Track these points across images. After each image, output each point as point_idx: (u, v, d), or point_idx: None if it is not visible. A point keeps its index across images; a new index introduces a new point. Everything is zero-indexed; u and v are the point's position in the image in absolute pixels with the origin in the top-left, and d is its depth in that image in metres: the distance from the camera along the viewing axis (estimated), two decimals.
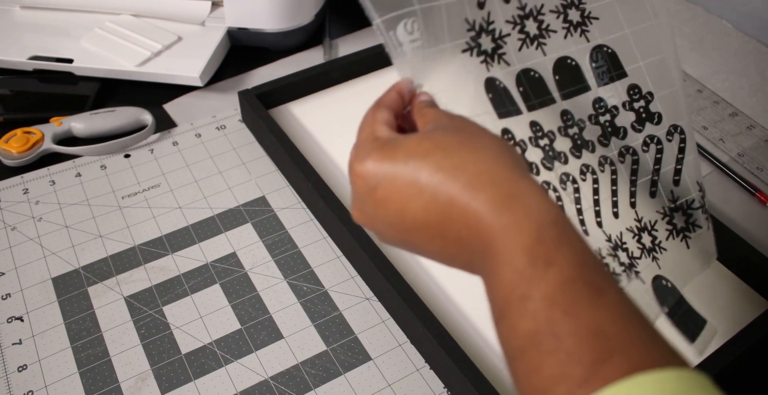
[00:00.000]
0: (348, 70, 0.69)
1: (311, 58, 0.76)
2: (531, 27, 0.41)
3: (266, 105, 0.64)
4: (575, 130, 0.41)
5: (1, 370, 0.47)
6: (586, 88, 0.42)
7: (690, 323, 0.43)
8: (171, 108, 0.68)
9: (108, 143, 0.62)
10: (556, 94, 0.41)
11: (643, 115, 0.42)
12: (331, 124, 0.65)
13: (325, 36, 0.78)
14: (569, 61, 0.42)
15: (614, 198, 0.43)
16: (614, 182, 0.43)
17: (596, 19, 0.42)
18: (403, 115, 0.34)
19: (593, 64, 0.42)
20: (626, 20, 0.42)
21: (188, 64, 0.68)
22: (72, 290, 0.51)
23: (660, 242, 0.44)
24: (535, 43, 0.41)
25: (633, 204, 0.43)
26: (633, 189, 0.43)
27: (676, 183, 0.44)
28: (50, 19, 0.74)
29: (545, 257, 0.24)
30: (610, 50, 0.42)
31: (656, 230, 0.44)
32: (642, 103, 0.42)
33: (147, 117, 0.64)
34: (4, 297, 0.51)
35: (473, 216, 0.26)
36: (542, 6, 0.41)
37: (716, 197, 0.61)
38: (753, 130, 0.68)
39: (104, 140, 0.63)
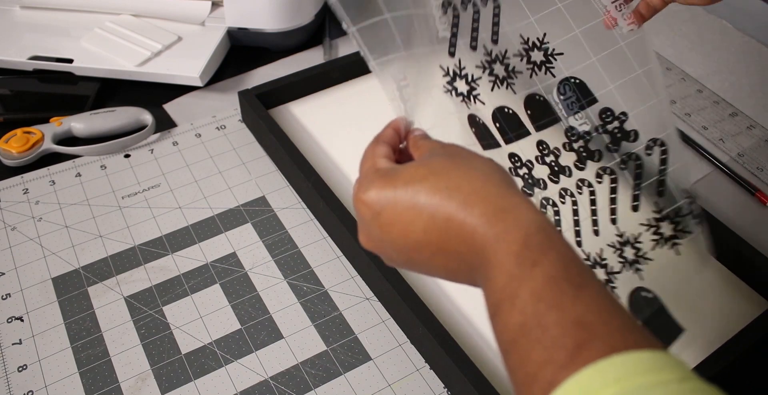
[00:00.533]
0: (348, 70, 0.69)
1: (311, 58, 0.76)
2: (499, 70, 0.45)
3: (266, 105, 0.64)
4: (551, 157, 0.45)
5: (1, 370, 0.47)
6: (556, 120, 0.46)
7: (664, 332, 0.43)
8: (171, 108, 0.68)
9: (108, 143, 0.62)
10: (530, 127, 0.45)
11: (618, 136, 0.44)
12: (331, 124, 0.65)
13: (325, 36, 0.78)
14: (537, 97, 0.46)
15: (594, 217, 0.45)
16: (593, 202, 0.45)
17: (561, 54, 0.45)
18: (401, 150, 0.37)
19: (561, 97, 0.46)
20: (592, 48, 0.44)
21: (188, 64, 0.68)
22: (72, 290, 0.52)
23: (645, 253, 0.45)
24: (505, 83, 0.45)
25: (614, 221, 0.45)
26: (613, 206, 0.45)
27: (661, 193, 0.45)
28: (50, 19, 0.74)
29: (532, 259, 0.26)
30: (577, 81, 0.46)
31: (640, 242, 0.45)
32: (616, 123, 0.44)
33: (147, 117, 0.64)
34: (4, 297, 0.51)
35: (469, 230, 0.28)
36: (506, 51, 0.45)
37: (716, 197, 0.61)
38: (753, 130, 0.68)
39: (104, 140, 0.63)
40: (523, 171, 0.43)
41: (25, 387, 0.46)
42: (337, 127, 0.65)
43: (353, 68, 0.69)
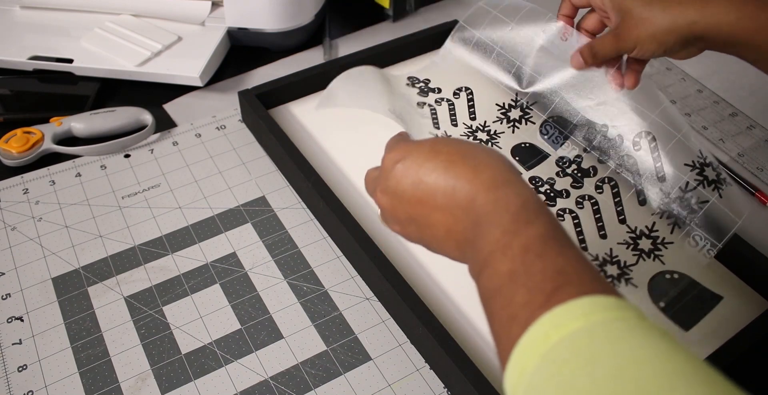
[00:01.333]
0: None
1: (311, 58, 0.76)
2: (482, 136, 0.52)
3: (266, 105, 0.64)
4: (546, 186, 0.49)
5: (1, 370, 0.47)
6: (545, 156, 0.51)
7: (699, 303, 0.44)
8: (171, 108, 0.68)
9: (108, 143, 0.62)
10: (520, 168, 0.51)
11: (606, 146, 0.48)
12: (331, 124, 0.65)
13: (325, 36, 0.78)
14: (523, 145, 0.52)
15: (599, 224, 0.48)
16: (597, 211, 0.48)
17: (536, 103, 0.53)
18: None
19: (545, 137, 0.51)
20: (560, 86, 0.50)
21: (188, 64, 0.68)
22: (72, 290, 0.52)
23: (663, 239, 0.47)
24: (489, 144, 0.52)
25: (623, 221, 0.48)
26: (619, 208, 0.49)
27: (662, 178, 0.47)
28: (50, 19, 0.74)
29: (526, 219, 0.30)
30: (555, 118, 0.51)
31: (656, 230, 0.46)
32: (600, 137, 0.49)
33: (147, 117, 0.64)
34: (4, 297, 0.51)
35: (474, 191, 0.32)
36: (485, 121, 0.53)
37: None
38: (753, 130, 0.68)
39: (104, 140, 0.63)
40: None
41: (25, 387, 0.46)
42: (337, 127, 0.65)
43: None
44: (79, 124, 0.63)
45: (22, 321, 0.50)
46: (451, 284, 0.51)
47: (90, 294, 0.51)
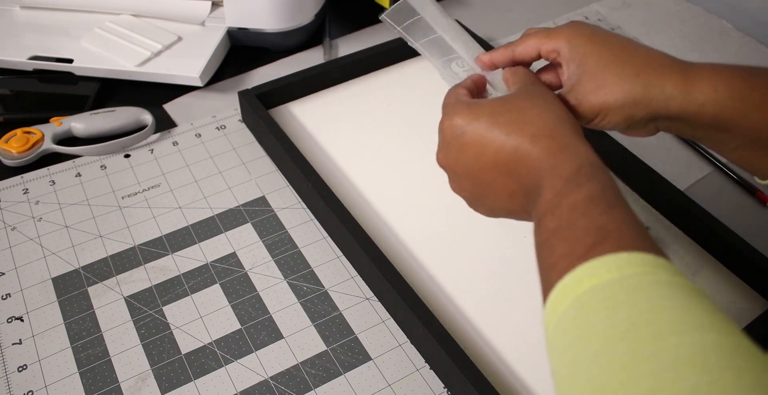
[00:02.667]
0: (348, 70, 0.69)
1: (311, 58, 0.76)
2: None
3: (266, 105, 0.64)
4: None
5: (1, 370, 0.47)
6: None
7: None
8: (171, 108, 0.68)
9: (108, 143, 0.62)
10: None
11: None
12: (331, 124, 0.65)
13: (325, 36, 0.78)
14: None
15: None
16: None
17: None
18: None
19: None
20: None
21: (188, 64, 0.68)
22: (72, 290, 0.52)
23: None
24: None
25: None
26: None
27: None
28: (50, 19, 0.74)
29: (577, 182, 0.31)
30: None
31: None
32: None
33: (147, 117, 0.64)
34: (4, 297, 0.51)
35: (533, 158, 0.34)
36: None
37: (716, 197, 0.61)
38: None
39: (104, 140, 0.63)
40: None
41: (25, 387, 0.46)
42: (338, 127, 0.65)
43: (353, 68, 0.69)
44: (79, 124, 0.63)
45: (22, 321, 0.50)
46: (451, 284, 0.51)
47: (90, 294, 0.51)
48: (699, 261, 0.54)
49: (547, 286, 0.29)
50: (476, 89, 0.42)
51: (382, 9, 0.81)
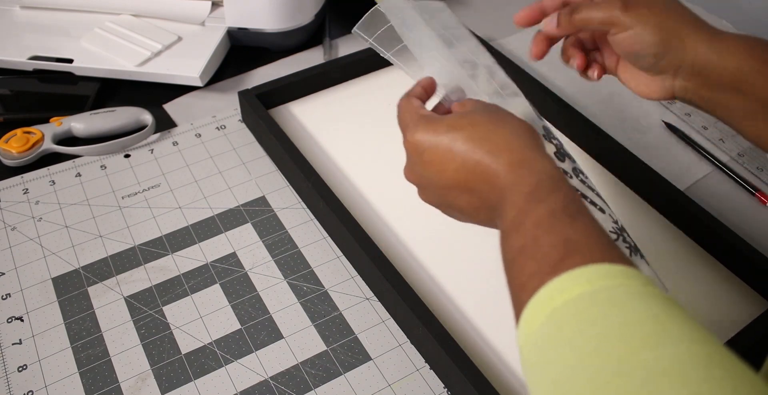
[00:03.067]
0: (348, 70, 0.69)
1: (311, 58, 0.76)
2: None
3: (266, 105, 0.64)
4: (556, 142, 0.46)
5: (1, 370, 0.47)
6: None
7: None
8: (171, 108, 0.68)
9: (108, 143, 0.62)
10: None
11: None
12: (331, 124, 0.65)
13: (325, 36, 0.78)
14: None
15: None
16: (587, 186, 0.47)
17: None
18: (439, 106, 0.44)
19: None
20: None
21: (188, 64, 0.68)
22: (72, 290, 0.52)
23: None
24: None
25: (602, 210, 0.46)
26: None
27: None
28: (50, 19, 0.74)
29: (538, 198, 0.32)
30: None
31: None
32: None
33: (147, 117, 0.64)
34: (4, 297, 0.51)
35: (492, 174, 0.34)
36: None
37: (716, 197, 0.61)
38: None
39: (104, 140, 0.63)
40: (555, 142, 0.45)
41: (25, 387, 0.46)
42: (338, 127, 0.65)
43: (353, 68, 0.69)
44: (79, 124, 0.63)
45: (22, 321, 0.50)
46: (451, 284, 0.51)
47: (90, 294, 0.51)
48: (699, 261, 0.54)
49: (518, 306, 0.29)
50: (426, 94, 0.42)
51: None
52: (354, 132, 0.64)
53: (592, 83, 0.52)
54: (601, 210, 0.43)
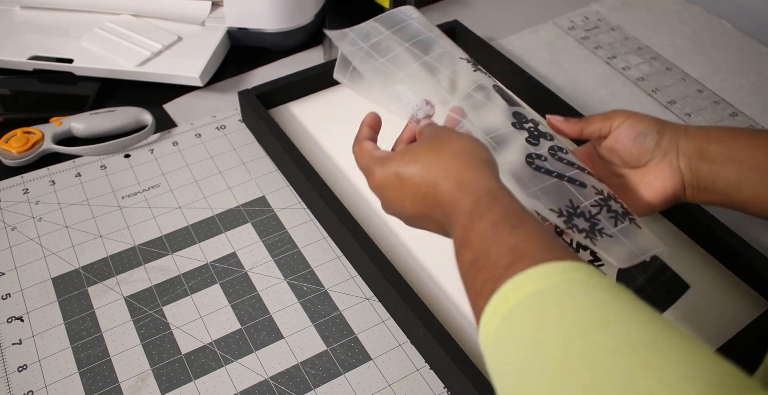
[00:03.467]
0: None
1: (311, 58, 0.76)
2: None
3: (266, 105, 0.64)
4: (530, 124, 0.48)
5: (1, 370, 0.47)
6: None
7: (668, 290, 0.43)
8: (171, 108, 0.68)
9: (108, 143, 0.62)
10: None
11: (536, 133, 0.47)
12: (331, 124, 0.65)
13: (325, 36, 0.78)
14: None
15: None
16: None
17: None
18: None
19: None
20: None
21: (188, 64, 0.68)
22: (72, 290, 0.52)
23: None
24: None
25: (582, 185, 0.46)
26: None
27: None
28: (50, 19, 0.74)
29: (479, 214, 0.34)
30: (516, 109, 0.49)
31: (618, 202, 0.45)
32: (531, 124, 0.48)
33: (147, 117, 0.64)
34: (4, 297, 0.51)
35: (439, 202, 0.37)
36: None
37: None
38: None
39: (104, 140, 0.63)
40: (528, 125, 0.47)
41: (25, 387, 0.46)
42: (338, 127, 0.65)
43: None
44: (79, 124, 0.63)
45: (22, 321, 0.50)
46: (451, 284, 0.51)
47: (90, 294, 0.51)
48: (699, 261, 0.54)
49: (478, 313, 0.31)
50: (374, 131, 0.47)
51: (382, 9, 0.81)
52: (354, 132, 0.64)
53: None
54: (582, 185, 0.44)
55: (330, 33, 0.50)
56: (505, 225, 0.33)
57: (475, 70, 0.49)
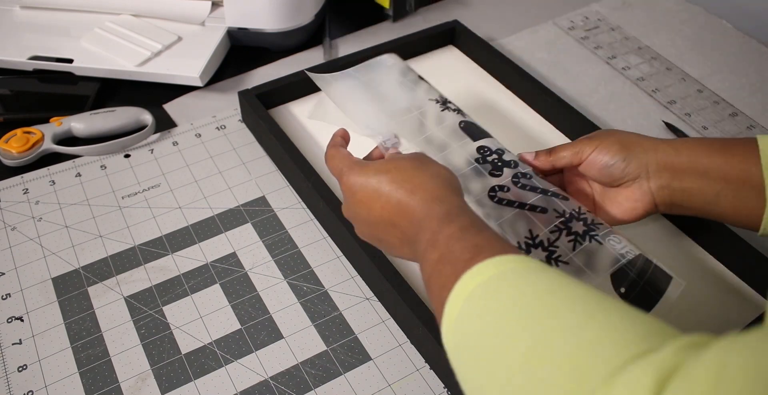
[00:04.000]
0: None
1: (311, 58, 0.76)
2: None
3: (266, 105, 0.64)
4: (495, 156, 0.50)
5: (1, 370, 0.47)
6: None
7: (654, 283, 0.43)
8: (171, 108, 0.68)
9: (108, 143, 0.62)
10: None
11: (499, 164, 0.50)
12: (331, 124, 0.65)
13: (325, 36, 0.78)
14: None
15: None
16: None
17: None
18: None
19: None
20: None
21: (188, 64, 0.68)
22: (72, 290, 0.52)
23: (594, 220, 0.46)
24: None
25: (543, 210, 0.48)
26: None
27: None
28: (50, 19, 0.74)
29: (449, 220, 0.37)
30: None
31: (584, 213, 0.47)
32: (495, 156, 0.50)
33: (147, 117, 0.64)
34: (4, 297, 0.51)
35: (411, 211, 0.40)
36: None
37: None
38: (753, 130, 0.68)
39: (104, 140, 0.63)
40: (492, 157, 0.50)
41: (25, 387, 0.46)
42: (338, 127, 0.64)
43: None
44: (79, 124, 0.63)
45: (22, 321, 0.50)
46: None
47: (90, 294, 0.51)
48: (699, 261, 0.54)
49: (441, 306, 0.33)
50: (345, 141, 0.49)
51: (382, 9, 0.81)
52: (354, 131, 0.64)
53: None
54: (543, 210, 0.46)
55: (312, 75, 0.55)
56: (472, 228, 0.36)
57: (443, 110, 0.53)
